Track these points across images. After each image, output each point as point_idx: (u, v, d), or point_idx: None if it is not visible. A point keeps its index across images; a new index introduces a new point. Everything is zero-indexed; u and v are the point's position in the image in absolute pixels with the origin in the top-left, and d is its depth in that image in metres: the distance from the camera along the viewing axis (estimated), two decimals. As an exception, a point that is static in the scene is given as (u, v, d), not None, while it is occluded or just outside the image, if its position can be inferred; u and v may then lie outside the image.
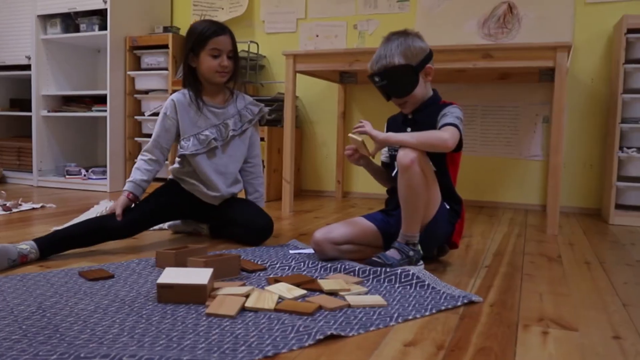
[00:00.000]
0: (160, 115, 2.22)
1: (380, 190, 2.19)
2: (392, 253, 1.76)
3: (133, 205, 2.10)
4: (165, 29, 3.96)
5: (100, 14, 3.91)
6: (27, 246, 1.82)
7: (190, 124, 2.19)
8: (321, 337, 1.16)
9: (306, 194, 3.94)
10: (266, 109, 2.35)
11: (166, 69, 3.84)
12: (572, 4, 3.25)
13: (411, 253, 1.75)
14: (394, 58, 1.80)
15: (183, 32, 3.99)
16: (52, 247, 1.90)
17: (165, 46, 3.83)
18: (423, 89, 1.87)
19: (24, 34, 4.10)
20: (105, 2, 3.75)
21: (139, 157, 2.18)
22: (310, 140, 3.96)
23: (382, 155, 2.07)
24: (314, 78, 3.57)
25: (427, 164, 1.73)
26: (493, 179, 3.51)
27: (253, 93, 3.97)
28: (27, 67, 4.13)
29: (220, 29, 2.14)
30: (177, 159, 2.24)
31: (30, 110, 4.17)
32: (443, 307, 1.41)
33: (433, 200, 1.79)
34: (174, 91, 3.75)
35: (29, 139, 4.26)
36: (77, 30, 4.02)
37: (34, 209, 3.03)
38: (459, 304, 1.44)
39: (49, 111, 4.12)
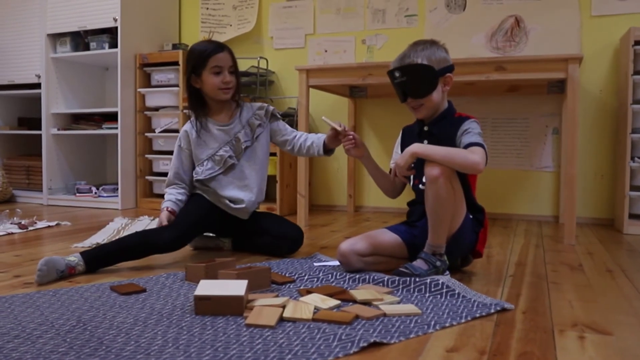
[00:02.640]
0: (176, 148, 2.29)
1: (393, 203, 2.19)
2: (419, 263, 1.77)
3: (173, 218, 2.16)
4: (174, 46, 4.00)
5: (110, 32, 3.95)
6: (75, 258, 1.87)
7: (204, 149, 2.23)
8: (365, 344, 1.18)
9: (318, 208, 3.95)
10: (271, 108, 2.32)
11: (177, 85, 3.87)
12: (578, 17, 3.30)
13: (438, 263, 1.77)
14: (418, 58, 1.83)
15: (192, 49, 4.03)
16: (98, 260, 1.92)
17: (176, 63, 3.86)
18: (440, 97, 1.89)
19: (34, 53, 4.13)
20: (116, 21, 3.79)
21: (166, 190, 2.27)
22: (320, 155, 3.98)
23: (393, 163, 2.08)
24: (323, 92, 3.60)
25: (454, 175, 1.75)
26: (505, 190, 3.53)
27: (263, 109, 4.00)
28: (36, 86, 4.15)
29: (218, 46, 2.18)
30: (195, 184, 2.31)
31: (38, 129, 4.19)
32: (477, 315, 1.42)
33: (459, 211, 1.80)
34: (184, 107, 3.80)
35: (37, 157, 4.28)
36: (87, 48, 4.06)
37: (49, 226, 3.03)
38: (492, 311, 1.46)
39: (58, 129, 4.14)
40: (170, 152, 3.92)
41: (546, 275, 1.94)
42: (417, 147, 1.77)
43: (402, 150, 2.03)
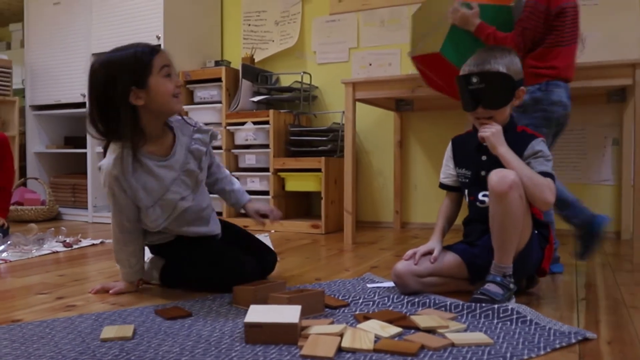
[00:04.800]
0: (108, 193, 1.75)
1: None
2: (494, 288, 1.61)
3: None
4: (217, 63, 3.96)
5: (154, 50, 3.94)
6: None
7: (147, 192, 1.73)
8: (437, 381, 1.05)
9: (363, 225, 3.82)
10: (216, 132, 1.93)
11: (219, 102, 3.83)
12: (639, 21, 3.12)
13: (512, 286, 1.63)
14: (499, 65, 1.70)
15: (234, 65, 3.99)
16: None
17: (218, 79, 3.82)
18: (509, 111, 1.76)
19: (79, 73, 4.16)
20: (159, 39, 3.78)
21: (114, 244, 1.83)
22: (365, 170, 3.87)
23: (446, 178, 1.93)
24: (368, 106, 3.49)
25: (522, 187, 1.61)
26: (561, 205, 3.33)
27: (307, 124, 3.92)
28: (82, 105, 4.18)
29: (155, 46, 1.72)
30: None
31: (84, 147, 4.22)
32: (557, 346, 1.27)
33: (527, 227, 1.66)
34: (227, 124, 3.74)
35: (83, 175, 4.30)
36: (131, 67, 4.06)
37: (93, 245, 3.00)
38: (573, 341, 1.30)
39: (103, 147, 4.15)
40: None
41: (623, 299, 1.76)
42: (502, 148, 1.67)
43: (454, 164, 1.90)
